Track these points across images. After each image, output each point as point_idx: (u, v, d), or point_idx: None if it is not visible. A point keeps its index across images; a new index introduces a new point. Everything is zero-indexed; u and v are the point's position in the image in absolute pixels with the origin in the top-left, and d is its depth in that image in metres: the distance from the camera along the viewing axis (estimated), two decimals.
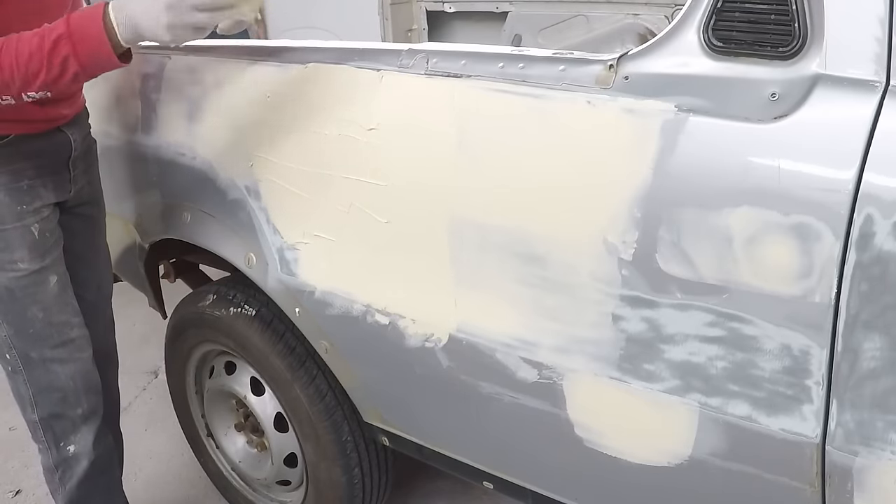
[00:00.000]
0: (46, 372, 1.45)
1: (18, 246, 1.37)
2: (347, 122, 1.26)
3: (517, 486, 1.32)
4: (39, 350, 1.43)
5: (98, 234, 1.64)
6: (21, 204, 1.37)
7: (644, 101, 0.99)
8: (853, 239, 0.86)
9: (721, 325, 0.97)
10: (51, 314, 1.42)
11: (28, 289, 1.39)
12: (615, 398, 1.09)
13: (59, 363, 1.45)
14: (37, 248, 1.39)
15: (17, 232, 1.37)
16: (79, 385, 1.48)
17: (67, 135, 1.45)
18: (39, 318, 1.41)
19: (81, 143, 1.50)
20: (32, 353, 1.43)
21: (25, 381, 1.46)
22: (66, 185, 1.47)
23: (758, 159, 0.91)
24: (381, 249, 1.28)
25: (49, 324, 1.42)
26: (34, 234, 1.39)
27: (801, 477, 0.98)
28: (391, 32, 2.80)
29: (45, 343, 1.43)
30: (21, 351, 1.43)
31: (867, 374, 0.90)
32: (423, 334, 1.27)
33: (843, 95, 0.88)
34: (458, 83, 1.14)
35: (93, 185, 1.59)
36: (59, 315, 1.44)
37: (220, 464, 1.93)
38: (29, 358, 1.43)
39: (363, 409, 1.50)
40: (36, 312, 1.40)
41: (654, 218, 0.99)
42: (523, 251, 1.11)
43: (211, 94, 1.48)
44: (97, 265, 1.64)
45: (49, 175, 1.42)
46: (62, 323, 1.44)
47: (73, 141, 1.46)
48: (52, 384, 1.46)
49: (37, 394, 1.46)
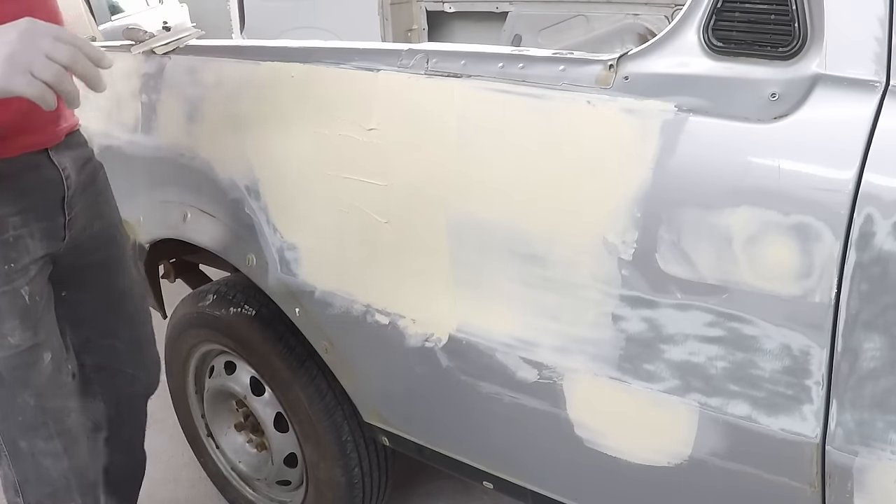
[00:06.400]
0: (36, 465, 1.24)
1: (7, 316, 1.14)
2: (347, 122, 1.26)
3: (517, 486, 1.32)
4: (30, 441, 1.21)
5: (120, 277, 1.40)
6: (7, 262, 1.14)
7: (644, 101, 0.99)
8: (853, 239, 0.86)
9: (721, 325, 0.97)
10: (44, 399, 1.20)
11: (18, 371, 1.17)
12: (615, 398, 1.09)
13: (52, 457, 1.23)
14: (29, 318, 1.16)
15: (6, 298, 1.14)
16: (72, 483, 1.28)
17: (58, 169, 1.22)
18: (31, 404, 1.18)
19: (78, 175, 1.26)
20: (21, 442, 1.21)
21: (10, 467, 1.25)
22: (58, 231, 1.23)
23: (758, 159, 0.91)
24: (381, 249, 1.28)
25: (42, 411, 1.20)
26: (25, 298, 1.15)
27: (801, 477, 0.98)
28: (391, 32, 2.79)
29: (37, 434, 1.21)
30: (8, 437, 1.22)
31: (867, 374, 0.90)
32: (423, 334, 1.27)
33: (843, 95, 0.88)
34: (458, 83, 1.14)
35: (104, 221, 1.35)
36: (54, 399, 1.21)
37: (220, 464, 1.93)
38: (17, 447, 1.22)
39: (363, 409, 1.50)
40: (27, 399, 1.18)
41: (654, 218, 0.99)
42: (523, 251, 1.11)
43: (211, 94, 1.48)
44: (123, 309, 1.42)
45: (37, 222, 1.18)
46: (57, 409, 1.22)
47: (64, 177, 1.23)
48: (42, 477, 1.25)
49: (23, 483, 1.26)
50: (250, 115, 1.41)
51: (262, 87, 1.39)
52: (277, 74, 1.36)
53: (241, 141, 1.43)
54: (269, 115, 1.38)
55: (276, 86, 1.36)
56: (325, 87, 1.30)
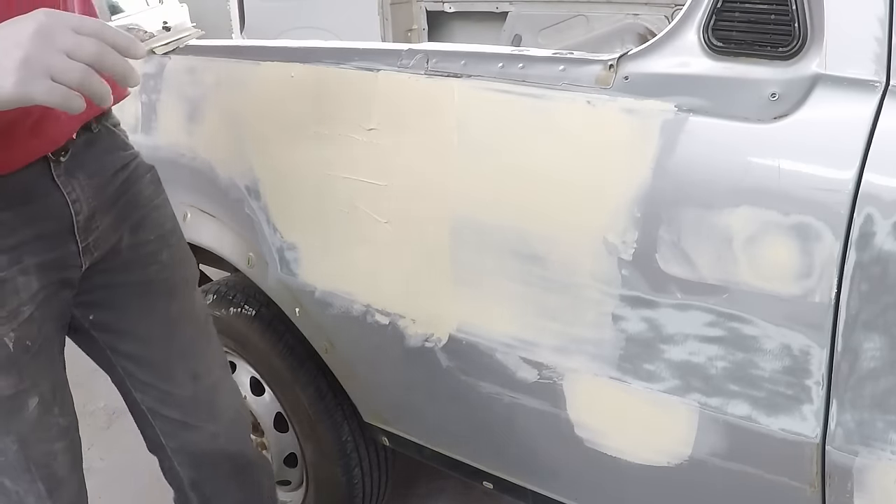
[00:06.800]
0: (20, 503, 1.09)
1: None
2: (347, 122, 1.26)
3: (517, 486, 1.32)
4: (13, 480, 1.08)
5: (168, 301, 1.17)
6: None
7: (644, 100, 0.99)
8: (853, 239, 0.86)
9: (721, 325, 0.97)
10: (27, 446, 1.06)
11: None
12: (615, 398, 1.09)
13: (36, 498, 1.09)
14: (12, 365, 1.01)
15: None
16: None
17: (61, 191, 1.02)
18: (13, 449, 1.05)
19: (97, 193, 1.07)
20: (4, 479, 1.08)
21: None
22: (70, 259, 1.05)
23: (758, 159, 0.91)
24: (381, 249, 1.28)
25: (25, 457, 1.06)
26: (8, 346, 1.00)
27: (801, 477, 0.98)
28: (391, 32, 2.79)
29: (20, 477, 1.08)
30: None
31: (867, 374, 0.90)
32: (423, 334, 1.27)
33: (843, 95, 0.88)
34: (458, 83, 1.14)
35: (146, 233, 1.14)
36: (38, 445, 1.07)
37: None
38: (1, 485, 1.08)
39: (363, 409, 1.50)
40: (9, 444, 1.05)
41: (654, 218, 0.99)
42: (523, 251, 1.11)
43: (211, 94, 1.48)
44: (177, 342, 1.19)
45: (33, 257, 1.00)
46: (42, 454, 1.07)
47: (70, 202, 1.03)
48: None
49: None
50: (250, 115, 1.41)
51: (262, 87, 1.39)
52: (277, 74, 1.36)
53: (241, 141, 1.43)
54: (269, 115, 1.38)
55: (276, 86, 1.36)
56: (325, 87, 1.30)
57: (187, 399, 1.20)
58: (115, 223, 1.10)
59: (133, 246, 1.12)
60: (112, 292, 1.13)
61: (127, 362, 1.18)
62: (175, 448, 1.26)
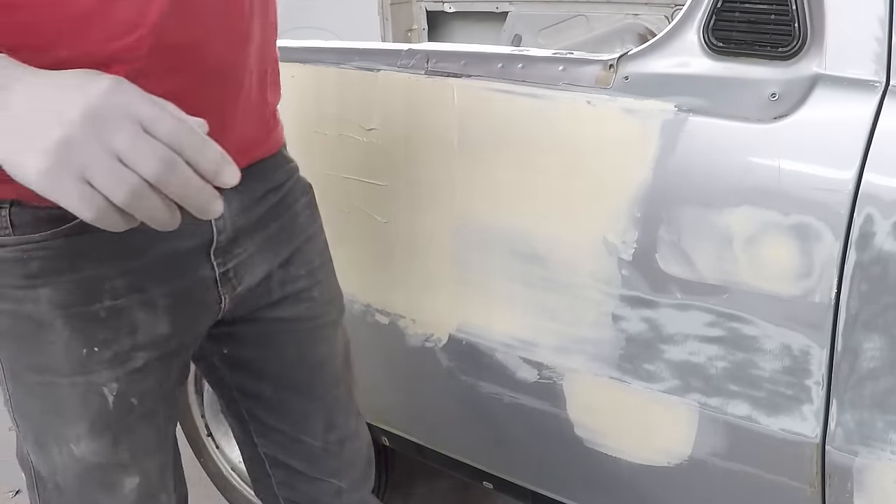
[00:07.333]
0: None
1: (73, 415, 0.79)
2: (347, 123, 1.26)
3: (517, 486, 1.32)
4: None
5: (324, 343, 1.01)
6: (89, 344, 0.76)
7: (644, 101, 0.99)
8: (853, 239, 0.86)
9: (721, 325, 0.97)
10: None
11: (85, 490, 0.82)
12: (615, 398, 1.09)
13: None
14: (105, 428, 0.80)
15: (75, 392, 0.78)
16: None
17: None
18: None
19: (248, 209, 0.86)
20: None
21: None
22: (209, 292, 0.84)
23: (758, 159, 0.91)
24: (380, 249, 1.28)
25: None
26: (107, 399, 0.78)
27: (801, 477, 0.98)
28: (391, 32, 2.79)
29: None
30: None
31: (867, 374, 0.90)
32: (423, 334, 1.27)
33: (843, 95, 0.88)
34: (458, 83, 1.14)
35: (295, 267, 0.94)
36: None
37: (220, 464, 1.92)
38: None
39: (363, 408, 1.49)
40: None
41: (654, 218, 0.99)
42: (523, 251, 1.11)
43: None
44: (319, 392, 1.02)
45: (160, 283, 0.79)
46: None
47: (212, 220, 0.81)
48: None
49: None
50: None
51: None
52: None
53: None
54: None
55: None
56: (324, 88, 1.30)
57: (317, 449, 1.03)
58: (261, 252, 0.89)
59: (282, 283, 0.93)
60: (254, 327, 0.94)
61: (255, 404, 1.01)
62: (289, 499, 1.08)
